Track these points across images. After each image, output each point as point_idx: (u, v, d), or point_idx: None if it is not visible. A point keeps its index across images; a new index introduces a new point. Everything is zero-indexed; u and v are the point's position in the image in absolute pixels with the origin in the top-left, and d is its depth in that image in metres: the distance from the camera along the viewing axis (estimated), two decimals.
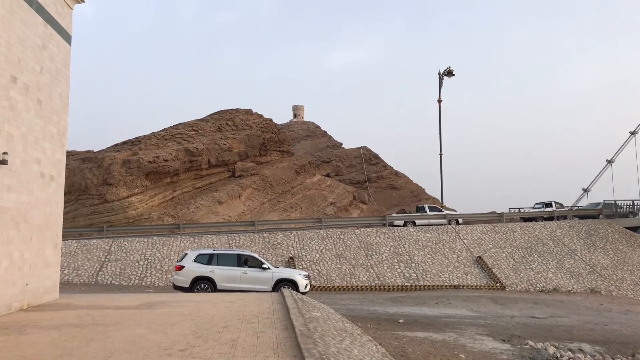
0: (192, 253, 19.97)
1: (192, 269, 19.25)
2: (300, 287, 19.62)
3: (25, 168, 11.37)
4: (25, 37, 11.37)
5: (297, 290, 19.34)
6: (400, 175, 74.20)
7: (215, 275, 19.19)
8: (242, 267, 19.52)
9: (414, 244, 30.20)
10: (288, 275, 20.02)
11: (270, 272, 19.60)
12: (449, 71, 43.86)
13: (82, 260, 27.10)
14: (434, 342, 12.97)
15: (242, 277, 19.35)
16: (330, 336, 8.66)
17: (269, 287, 19.37)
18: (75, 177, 47.66)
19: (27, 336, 8.25)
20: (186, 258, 19.68)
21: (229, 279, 19.23)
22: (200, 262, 19.42)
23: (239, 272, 19.41)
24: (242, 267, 19.53)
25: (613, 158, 55.96)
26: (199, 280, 19.11)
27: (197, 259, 19.52)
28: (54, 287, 13.32)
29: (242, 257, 19.88)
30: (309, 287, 20.38)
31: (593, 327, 16.62)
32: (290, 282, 19.61)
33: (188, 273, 19.19)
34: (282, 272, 20.29)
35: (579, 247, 31.85)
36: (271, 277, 19.53)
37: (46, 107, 12.46)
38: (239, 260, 19.72)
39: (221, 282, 19.13)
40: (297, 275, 20.15)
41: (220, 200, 49.42)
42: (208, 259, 19.54)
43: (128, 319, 10.01)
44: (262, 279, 19.46)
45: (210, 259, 19.54)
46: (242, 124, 58.40)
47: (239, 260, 19.70)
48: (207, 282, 19.13)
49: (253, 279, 19.41)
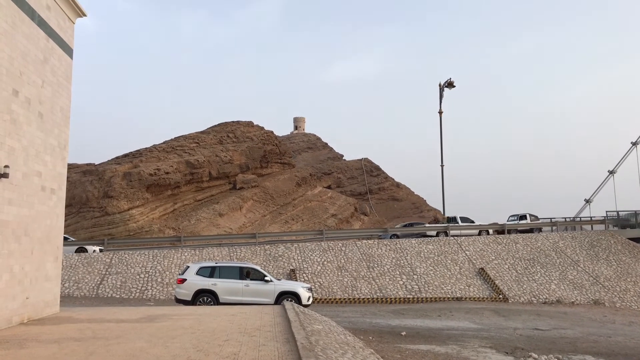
0: (194, 266, 19.81)
1: (194, 281, 19.09)
2: (303, 299, 19.51)
3: (26, 181, 11.37)
4: (27, 50, 11.43)
5: (299, 303, 19.24)
6: (401, 187, 74.24)
7: (217, 288, 19.06)
8: (244, 280, 19.38)
9: (416, 256, 30.09)
10: (290, 287, 19.89)
11: (273, 285, 19.50)
12: (450, 82, 43.94)
13: (83, 273, 27.02)
14: (437, 355, 12.86)
15: (245, 290, 19.22)
16: (332, 349, 8.58)
17: (272, 299, 19.25)
18: (76, 189, 47.71)
19: (28, 350, 8.18)
20: (188, 271, 19.52)
21: (231, 291, 19.12)
22: (203, 275, 19.28)
23: (241, 284, 19.28)
24: (245, 280, 19.38)
25: (615, 169, 55.89)
26: (201, 293, 18.95)
27: (199, 271, 19.38)
28: (55, 301, 13.25)
29: (244, 269, 19.76)
30: (311, 300, 20.24)
31: (597, 339, 16.48)
32: (293, 295, 19.49)
33: (190, 286, 19.02)
34: (285, 284, 20.17)
35: (581, 258, 31.70)
36: (273, 289, 19.43)
37: (47, 120, 12.49)
38: (241, 272, 19.58)
39: (223, 295, 19.01)
40: (300, 287, 20.03)
41: (221, 212, 49.39)
42: (210, 271, 19.40)
43: (129, 333, 9.95)
44: (264, 292, 19.34)
45: (212, 271, 19.40)
46: (243, 136, 58.53)
47: (241, 273, 19.56)
48: (209, 295, 18.99)
49: (255, 291, 19.29)
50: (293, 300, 19.24)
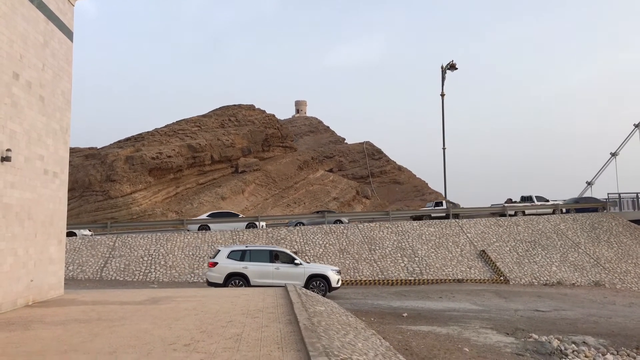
0: (225, 249, 20.10)
1: (225, 265, 19.40)
2: (333, 282, 19.77)
3: (28, 165, 11.40)
4: (27, 33, 11.37)
5: (329, 286, 19.75)
6: (403, 170, 74.17)
7: (248, 272, 19.31)
8: (274, 263, 19.67)
9: (418, 238, 30.20)
10: (320, 270, 20.11)
11: (303, 268, 19.75)
12: (452, 65, 43.61)
13: (87, 256, 27.20)
14: (438, 335, 12.98)
15: (275, 273, 19.47)
16: (334, 330, 8.67)
17: (302, 282, 19.49)
18: (78, 173, 47.81)
19: (33, 332, 8.28)
20: (219, 254, 19.79)
21: (261, 274, 19.36)
22: (233, 259, 19.55)
23: (271, 267, 19.54)
24: (275, 263, 19.67)
25: (617, 151, 55.78)
26: (232, 276, 19.25)
27: (230, 255, 19.66)
28: (59, 283, 13.37)
29: (274, 253, 20.01)
30: (340, 283, 20.45)
31: (597, 320, 16.60)
32: (323, 278, 19.77)
33: (221, 269, 19.33)
34: (314, 267, 20.40)
35: (582, 241, 31.78)
36: (303, 272, 19.67)
37: (49, 104, 12.47)
38: (272, 256, 19.84)
39: (254, 278, 19.25)
40: (329, 270, 20.22)
41: (224, 195, 49.52)
42: (241, 255, 19.66)
43: (132, 315, 10.05)
44: (294, 275, 19.56)
45: (243, 255, 19.67)
46: (244, 120, 58.40)
47: (272, 256, 19.82)
48: (240, 278, 19.27)
49: (285, 274, 19.50)
50: (322, 283, 19.66)
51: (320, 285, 19.69)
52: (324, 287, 19.71)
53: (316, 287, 19.60)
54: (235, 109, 59.73)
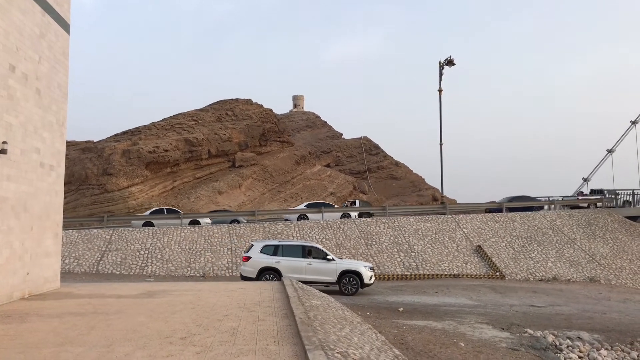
0: (258, 244, 20.28)
1: (258, 259, 19.58)
2: (365, 278, 19.70)
3: (24, 157, 11.36)
4: (23, 25, 11.31)
5: (361, 282, 19.63)
6: (400, 166, 74.18)
7: (280, 266, 19.42)
8: (307, 258, 19.74)
9: (414, 234, 30.26)
10: (353, 266, 20.04)
11: (335, 264, 19.73)
12: (450, 60, 43.57)
13: (83, 249, 27.18)
14: (434, 330, 13.03)
15: (307, 268, 19.56)
16: (330, 324, 8.69)
17: (334, 278, 19.57)
18: (75, 167, 47.70)
19: (29, 324, 8.28)
20: (253, 249, 20.01)
21: (294, 269, 19.42)
22: (266, 253, 19.72)
23: (303, 263, 19.62)
24: (307, 258, 19.75)
25: (614, 147, 55.85)
26: (265, 271, 19.39)
27: (263, 249, 19.85)
28: (55, 276, 13.36)
29: (307, 248, 20.08)
30: (373, 279, 20.31)
31: (592, 316, 16.68)
32: (355, 274, 19.70)
33: (255, 264, 19.52)
34: (347, 263, 20.30)
35: (578, 237, 31.91)
36: (335, 268, 19.65)
37: (45, 97, 12.42)
38: (304, 251, 19.93)
39: (286, 272, 19.30)
40: (362, 266, 20.11)
41: (221, 190, 49.50)
42: (274, 250, 19.83)
43: (129, 308, 10.05)
44: (326, 270, 19.61)
45: (275, 250, 19.83)
46: (242, 114, 58.30)
47: (304, 252, 19.91)
48: (273, 272, 19.37)
49: (318, 270, 19.58)
50: (354, 280, 19.58)
51: (352, 281, 19.61)
52: (356, 283, 19.62)
53: (348, 284, 19.57)
54: (233, 103, 59.60)
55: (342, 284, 19.60)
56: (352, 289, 19.58)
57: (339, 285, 19.68)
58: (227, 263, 26.78)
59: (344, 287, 19.63)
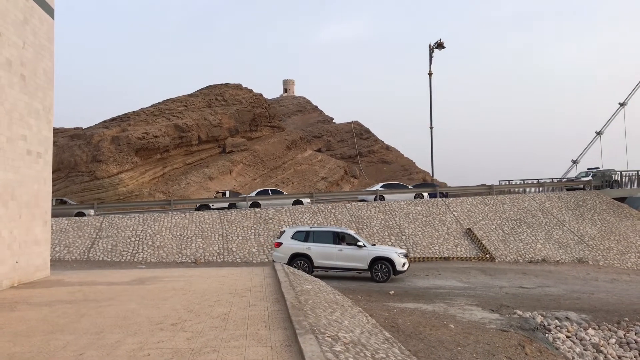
0: (289, 230, 20.31)
1: (289, 245, 19.67)
2: (398, 265, 19.33)
3: (10, 145, 11.23)
4: (6, 10, 11.10)
5: (394, 269, 19.28)
6: (391, 150, 74.26)
7: (311, 252, 19.45)
8: (338, 245, 19.63)
9: (405, 217, 30.40)
10: (384, 253, 19.70)
11: (366, 250, 19.50)
12: (440, 43, 43.46)
13: (73, 237, 27.06)
14: (424, 312, 13.16)
15: (338, 255, 19.47)
16: (321, 308, 8.74)
17: (365, 265, 19.40)
18: (64, 154, 47.26)
19: (18, 313, 8.26)
20: (284, 235, 20.07)
21: (324, 256, 19.43)
22: (298, 239, 19.76)
23: (334, 249, 19.53)
24: (338, 245, 19.63)
25: (602, 129, 56.25)
26: (296, 257, 19.44)
27: (295, 236, 19.89)
28: (45, 264, 13.30)
29: (338, 234, 19.96)
30: (407, 266, 19.82)
31: (580, 296, 16.92)
32: (387, 261, 19.37)
33: (286, 250, 19.61)
34: (378, 250, 19.93)
35: (567, 218, 32.21)
36: (367, 254, 19.44)
37: (30, 83, 12.25)
38: (335, 237, 19.82)
39: (317, 259, 19.37)
40: (394, 253, 19.73)
41: (211, 176, 49.31)
42: (305, 236, 19.85)
43: (120, 295, 10.05)
44: (357, 257, 19.44)
45: (307, 236, 19.85)
46: (231, 99, 57.89)
47: (335, 238, 19.81)
48: (304, 259, 19.41)
49: (349, 256, 19.47)
50: (386, 267, 19.28)
51: (383, 268, 19.29)
52: (388, 270, 19.27)
53: (379, 271, 19.29)
54: (222, 88, 59.11)
55: (374, 271, 19.29)
56: (384, 275, 19.22)
57: (371, 272, 19.39)
58: (218, 249, 26.79)
59: (375, 274, 19.31)
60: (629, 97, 54.46)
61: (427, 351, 9.34)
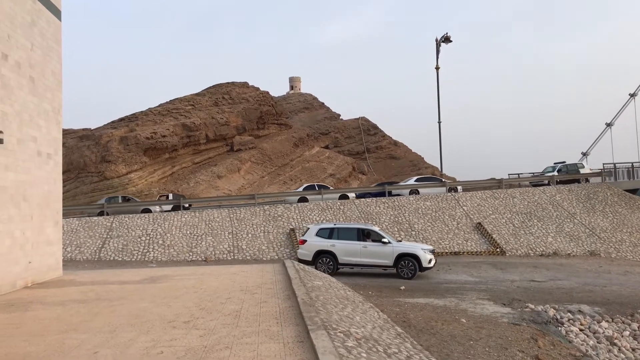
0: (314, 227, 20.30)
1: (314, 243, 19.68)
2: (424, 262, 18.94)
3: (21, 146, 11.31)
4: (14, 13, 11.17)
5: (419, 265, 18.89)
6: (399, 145, 74.04)
7: (336, 249, 19.44)
8: (362, 241, 19.53)
9: (414, 213, 30.32)
10: (410, 249, 19.30)
11: (391, 247, 19.26)
12: (446, 37, 43.22)
13: (84, 237, 27.25)
14: (436, 307, 13.13)
15: (363, 251, 19.38)
16: (332, 304, 8.74)
17: (390, 261, 19.15)
18: (73, 155, 47.58)
19: (33, 312, 8.33)
20: (308, 232, 20.09)
21: (349, 252, 19.39)
22: (322, 236, 19.73)
23: (359, 246, 19.42)
24: (363, 241, 19.53)
25: (612, 121, 55.79)
26: (321, 254, 19.47)
27: (319, 232, 19.88)
28: (57, 264, 13.40)
29: (362, 231, 19.83)
30: (433, 262, 19.38)
31: (592, 289, 16.80)
32: (412, 257, 19.00)
33: (310, 247, 19.65)
34: (404, 246, 19.56)
35: (578, 211, 31.98)
36: (392, 251, 19.18)
37: (39, 85, 12.33)
38: (359, 234, 19.71)
39: (342, 256, 19.35)
40: (420, 249, 19.30)
41: (220, 174, 49.43)
42: (329, 233, 19.81)
43: (132, 294, 10.10)
44: (382, 254, 19.24)
45: (331, 233, 19.81)
46: (238, 98, 57.96)
47: (359, 234, 19.70)
48: (328, 256, 19.41)
49: (373, 253, 19.32)
50: (412, 263, 18.96)
51: (409, 265, 18.95)
52: (414, 267, 18.94)
53: (405, 267, 18.99)
54: (229, 87, 59.20)
55: (399, 268, 19.02)
56: (410, 272, 18.90)
57: (396, 269, 19.14)
58: (228, 247, 26.87)
59: (401, 271, 19.05)
60: (639, 88, 53.93)
61: (439, 346, 9.31)
